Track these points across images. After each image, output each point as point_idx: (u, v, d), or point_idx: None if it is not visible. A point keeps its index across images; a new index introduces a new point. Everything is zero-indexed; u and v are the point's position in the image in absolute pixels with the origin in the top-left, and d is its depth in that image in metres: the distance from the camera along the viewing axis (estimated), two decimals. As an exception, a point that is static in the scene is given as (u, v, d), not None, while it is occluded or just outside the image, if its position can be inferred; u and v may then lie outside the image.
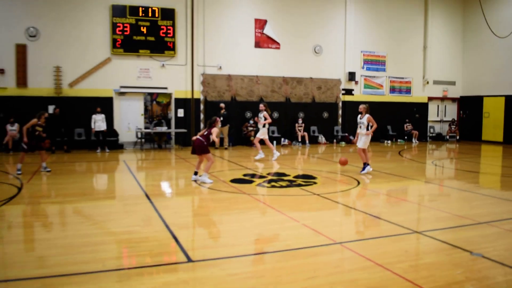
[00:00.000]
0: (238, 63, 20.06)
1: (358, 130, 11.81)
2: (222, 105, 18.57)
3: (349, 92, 22.38)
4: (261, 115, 14.37)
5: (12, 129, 16.40)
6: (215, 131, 10.35)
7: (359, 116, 11.80)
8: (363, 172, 11.59)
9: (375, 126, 11.59)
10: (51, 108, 16.71)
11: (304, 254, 5.32)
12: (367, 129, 11.65)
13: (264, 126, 14.41)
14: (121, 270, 4.82)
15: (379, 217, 7.16)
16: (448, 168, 14.23)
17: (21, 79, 17.00)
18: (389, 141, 22.49)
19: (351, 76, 22.11)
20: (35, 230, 6.70)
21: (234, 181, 10.56)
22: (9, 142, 16.23)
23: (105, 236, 6.13)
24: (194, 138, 10.48)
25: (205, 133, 10.40)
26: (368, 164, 11.73)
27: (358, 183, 10.41)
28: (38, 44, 17.20)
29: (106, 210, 7.86)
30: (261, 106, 14.56)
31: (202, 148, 10.21)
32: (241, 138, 20.03)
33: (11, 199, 8.36)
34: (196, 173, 10.56)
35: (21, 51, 16.95)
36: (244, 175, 11.46)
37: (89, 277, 4.59)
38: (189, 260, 5.10)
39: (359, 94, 22.68)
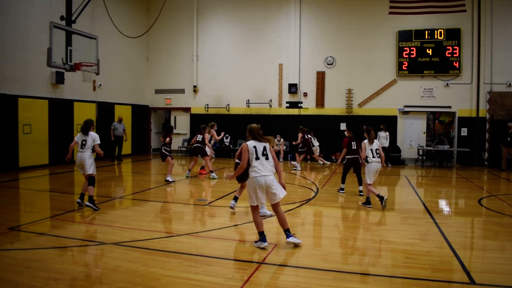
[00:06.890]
0: (532, 79, 16.99)
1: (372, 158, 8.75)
2: (510, 124, 16.07)
3: None
4: None
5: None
6: (206, 137, 12.25)
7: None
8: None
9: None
10: (342, 125, 17.89)
11: None
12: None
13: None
14: (402, 279, 4.73)
15: None
16: None
17: (319, 101, 18.90)
18: None
19: None
20: (323, 228, 7.25)
21: (527, 206, 8.97)
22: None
23: (387, 244, 6.12)
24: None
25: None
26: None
27: None
28: (334, 70, 18.78)
29: (388, 220, 7.84)
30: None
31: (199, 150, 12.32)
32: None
33: (308, 201, 9.30)
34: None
35: (320, 77, 18.87)
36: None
37: (373, 279, 4.68)
38: (472, 282, 4.60)
39: None
